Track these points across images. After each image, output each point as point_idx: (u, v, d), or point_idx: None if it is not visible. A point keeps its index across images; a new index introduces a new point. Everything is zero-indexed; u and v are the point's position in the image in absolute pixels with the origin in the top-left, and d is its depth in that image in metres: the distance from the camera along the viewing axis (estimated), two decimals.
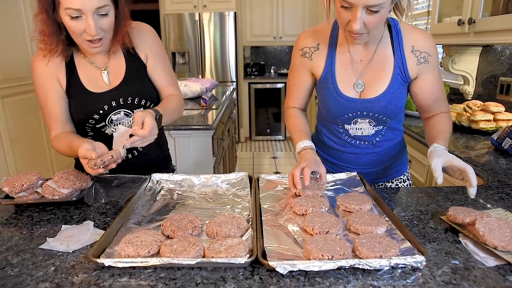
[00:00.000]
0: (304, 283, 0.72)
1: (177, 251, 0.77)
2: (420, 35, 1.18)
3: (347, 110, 1.23)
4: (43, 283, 0.72)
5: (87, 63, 1.27)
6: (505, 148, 1.57)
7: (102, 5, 1.09)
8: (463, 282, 0.72)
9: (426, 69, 1.19)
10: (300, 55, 1.26)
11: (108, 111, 1.26)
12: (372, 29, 1.05)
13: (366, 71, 1.20)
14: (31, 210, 1.05)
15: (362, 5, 0.97)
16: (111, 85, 1.27)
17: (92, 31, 1.10)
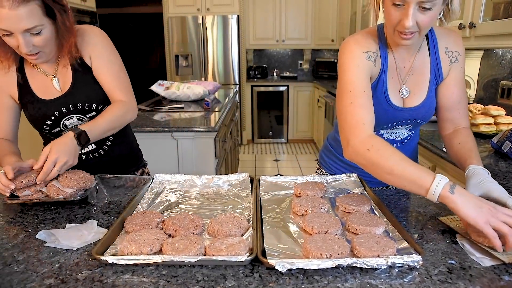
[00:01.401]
0: (302, 281, 0.73)
1: (179, 249, 0.79)
2: (452, 35, 1.19)
3: (394, 119, 1.22)
4: (48, 279, 0.74)
5: (36, 71, 1.29)
6: (505, 151, 1.58)
7: (31, 26, 1.08)
8: (458, 281, 0.73)
9: (455, 68, 1.19)
10: (366, 58, 1.12)
11: (59, 117, 1.30)
12: (424, 28, 1.02)
13: (407, 78, 1.20)
14: (36, 209, 1.07)
15: (415, 1, 0.96)
16: (61, 91, 1.29)
17: (22, 50, 1.11)
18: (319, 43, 5.79)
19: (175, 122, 2.46)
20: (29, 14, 1.06)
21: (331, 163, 1.45)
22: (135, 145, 1.61)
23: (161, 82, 3.27)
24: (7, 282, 0.73)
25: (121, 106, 1.32)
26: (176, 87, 3.21)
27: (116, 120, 1.30)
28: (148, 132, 2.27)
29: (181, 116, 2.66)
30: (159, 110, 2.85)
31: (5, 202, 1.06)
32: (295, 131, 5.96)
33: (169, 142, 2.32)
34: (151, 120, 2.48)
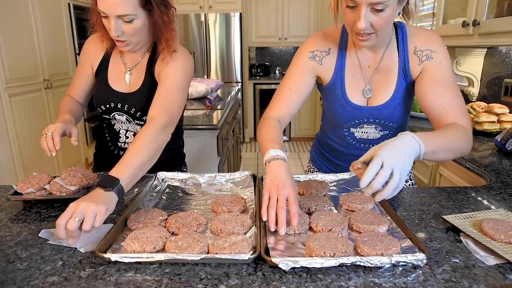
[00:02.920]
0: (306, 279, 0.73)
1: (182, 247, 0.79)
2: (424, 35, 1.15)
3: (354, 117, 1.22)
4: (51, 277, 0.74)
5: (119, 60, 1.37)
6: (508, 149, 1.57)
7: (124, 14, 1.13)
8: (463, 280, 0.73)
9: (429, 65, 1.12)
10: (309, 57, 1.21)
11: (113, 109, 1.35)
12: (379, 29, 1.02)
13: (373, 77, 1.19)
14: (39, 207, 1.07)
15: (366, 2, 0.95)
16: (129, 88, 1.34)
17: (112, 33, 1.17)
18: None
19: None
20: (125, 2, 1.12)
21: (318, 159, 1.47)
22: (182, 150, 1.62)
23: None
24: (11, 280, 0.73)
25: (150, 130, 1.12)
26: None
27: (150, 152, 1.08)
28: None
29: (184, 114, 2.66)
30: None
31: (8, 199, 1.07)
32: (297, 129, 5.95)
33: None
34: None
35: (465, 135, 1.02)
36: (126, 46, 1.24)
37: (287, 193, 0.88)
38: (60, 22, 3.74)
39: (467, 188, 1.21)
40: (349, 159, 1.33)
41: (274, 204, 0.88)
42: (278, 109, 1.21)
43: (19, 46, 3.09)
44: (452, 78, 1.12)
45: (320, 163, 1.46)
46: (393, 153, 0.82)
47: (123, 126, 1.40)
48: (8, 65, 2.95)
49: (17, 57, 3.07)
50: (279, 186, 0.90)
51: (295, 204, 0.87)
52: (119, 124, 1.40)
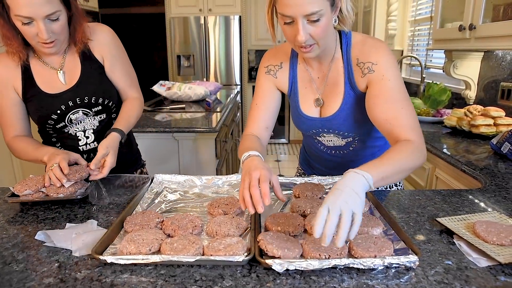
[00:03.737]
0: (299, 281, 0.74)
1: (177, 249, 0.80)
2: (366, 46, 1.12)
3: (310, 128, 1.26)
4: (47, 279, 0.74)
5: (42, 65, 1.29)
6: (504, 152, 1.58)
7: (51, 12, 1.11)
8: (455, 281, 0.74)
9: (373, 79, 1.09)
10: (265, 72, 1.26)
11: (66, 111, 1.30)
12: (319, 39, 1.03)
13: (323, 88, 1.21)
14: (36, 209, 1.08)
15: (301, 15, 0.97)
16: (68, 85, 1.30)
17: (43, 36, 1.13)
18: None
19: (176, 123, 2.46)
20: (49, 0, 1.10)
21: (304, 161, 1.52)
22: (135, 145, 1.62)
23: (162, 83, 3.28)
24: (7, 281, 0.74)
25: (138, 103, 1.43)
26: (178, 87, 3.22)
27: (138, 117, 1.42)
28: (149, 132, 2.28)
29: (182, 117, 2.67)
30: (161, 110, 2.86)
31: (6, 201, 1.07)
32: (296, 132, 5.96)
33: (170, 143, 2.33)
34: (152, 121, 2.49)
35: (414, 151, 1.00)
36: (54, 47, 1.20)
37: (258, 174, 0.90)
38: None
39: (462, 191, 1.22)
40: (327, 165, 1.37)
41: (246, 186, 0.89)
42: (252, 126, 1.24)
43: None
44: (398, 89, 1.08)
45: (306, 167, 1.50)
46: (337, 196, 0.79)
47: (79, 126, 1.35)
48: None
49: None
50: (250, 171, 0.92)
51: (265, 182, 0.88)
52: (75, 127, 1.34)
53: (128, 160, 1.54)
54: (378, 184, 0.89)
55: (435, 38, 2.44)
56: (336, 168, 1.35)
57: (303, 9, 0.96)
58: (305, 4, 0.95)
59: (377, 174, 0.88)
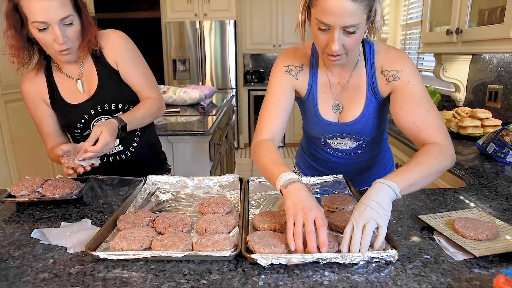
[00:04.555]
0: (283, 274, 0.77)
1: (167, 245, 0.83)
2: (390, 55, 1.17)
3: (327, 132, 1.27)
4: (42, 274, 0.78)
5: (63, 77, 1.35)
6: (489, 152, 1.62)
7: (65, 16, 1.15)
8: (431, 274, 0.78)
9: (398, 85, 1.13)
10: (285, 72, 1.22)
11: (89, 120, 1.35)
12: (351, 50, 1.05)
13: (343, 94, 1.22)
14: (32, 209, 1.11)
15: (340, 25, 0.97)
16: (87, 94, 1.35)
17: (59, 40, 1.17)
18: None
19: (170, 126, 2.50)
20: (62, 4, 1.14)
21: (303, 164, 1.53)
22: (160, 148, 1.65)
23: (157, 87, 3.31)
24: (3, 276, 0.77)
25: (154, 101, 1.41)
26: (173, 91, 3.25)
27: (150, 115, 1.40)
28: None
29: (177, 120, 2.70)
30: None
31: (2, 201, 1.10)
32: (291, 135, 6.00)
33: (164, 146, 2.34)
34: None
35: (441, 152, 1.01)
36: (69, 54, 1.24)
37: (314, 216, 0.82)
38: None
39: (446, 190, 1.26)
40: (330, 166, 1.39)
41: (300, 231, 0.82)
42: (269, 128, 1.18)
43: None
44: (423, 93, 1.12)
45: (304, 168, 1.52)
46: (361, 211, 0.83)
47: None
48: (4, 72, 2.99)
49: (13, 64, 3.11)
50: (304, 209, 0.83)
51: (324, 227, 0.81)
52: None
53: (153, 162, 1.56)
54: (406, 191, 0.92)
55: (424, 42, 2.49)
56: (338, 169, 1.36)
57: (344, 20, 0.96)
58: (346, 16, 0.95)
59: (404, 181, 0.90)
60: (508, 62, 2.12)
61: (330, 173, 1.33)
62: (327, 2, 0.95)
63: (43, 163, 3.45)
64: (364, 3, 0.95)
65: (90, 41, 1.28)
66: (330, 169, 1.39)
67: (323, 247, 0.80)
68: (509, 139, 1.57)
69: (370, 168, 1.39)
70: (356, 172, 1.38)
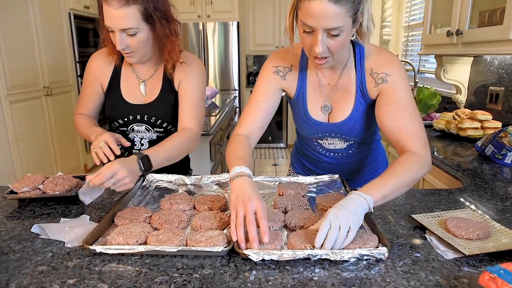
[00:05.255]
0: (274, 270, 0.79)
1: (162, 241, 0.85)
2: (381, 57, 1.17)
3: (316, 132, 1.28)
4: (41, 266, 0.80)
5: (131, 73, 1.43)
6: (488, 154, 1.63)
7: (127, 28, 1.21)
8: (420, 272, 0.79)
9: (386, 89, 1.14)
10: (273, 72, 1.24)
11: (131, 121, 1.42)
12: (335, 53, 1.05)
13: (332, 95, 1.23)
14: (33, 205, 1.13)
15: (322, 28, 0.98)
16: (145, 99, 1.41)
17: (118, 46, 1.25)
18: None
19: None
20: (128, 17, 1.20)
21: (297, 164, 1.54)
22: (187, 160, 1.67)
23: None
24: (3, 269, 0.79)
25: (185, 135, 1.35)
26: None
27: (179, 150, 1.32)
28: None
29: None
30: None
31: (4, 197, 1.13)
32: (294, 136, 5.99)
33: None
34: None
35: (418, 162, 1.03)
36: (131, 57, 1.31)
37: (254, 207, 0.86)
38: (60, 31, 3.84)
39: (441, 190, 1.27)
40: (322, 166, 1.40)
41: (241, 222, 0.85)
42: (247, 124, 1.22)
43: (20, 54, 3.18)
44: (408, 99, 1.12)
45: (299, 168, 1.54)
46: (339, 210, 0.86)
47: (138, 135, 1.45)
48: (9, 73, 3.04)
49: (18, 65, 3.16)
50: (245, 201, 0.87)
51: (264, 218, 0.85)
52: (134, 133, 1.45)
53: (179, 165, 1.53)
54: (379, 202, 0.96)
55: (425, 43, 2.50)
56: (330, 169, 1.39)
57: (325, 23, 0.97)
58: (328, 19, 0.96)
59: (378, 194, 0.94)
60: (509, 64, 2.13)
61: (322, 173, 1.34)
62: (310, 5, 0.96)
63: (46, 162, 3.49)
64: (348, 6, 0.96)
65: (169, 54, 1.34)
66: (322, 169, 1.41)
67: (264, 237, 0.83)
68: (508, 141, 1.57)
69: (361, 169, 1.41)
70: (348, 173, 1.39)
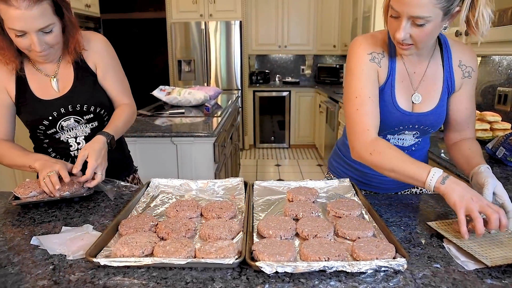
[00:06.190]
0: (288, 283, 0.75)
1: (169, 252, 0.81)
2: (467, 50, 1.21)
3: (400, 123, 1.22)
4: (42, 281, 0.76)
5: (36, 72, 1.31)
6: (499, 157, 1.59)
7: (45, 26, 1.13)
8: (442, 284, 0.75)
9: (467, 83, 1.20)
10: (369, 60, 1.15)
11: (57, 117, 1.31)
12: (419, 42, 1.04)
13: (420, 84, 1.21)
14: (34, 212, 1.09)
15: (407, 14, 0.98)
16: (60, 92, 1.32)
17: (37, 48, 1.15)
18: (321, 48, 5.82)
19: (175, 127, 2.49)
20: (43, 14, 1.11)
21: (340, 167, 1.45)
22: (127, 151, 1.64)
23: (162, 88, 3.30)
24: (1, 284, 0.75)
25: (129, 109, 1.45)
26: (178, 92, 3.24)
27: (129, 122, 1.44)
28: (148, 137, 2.30)
29: (182, 121, 2.69)
30: (160, 115, 2.88)
31: (10, 203, 1.09)
32: (297, 136, 5.97)
33: (168, 147, 2.35)
34: (151, 125, 2.51)
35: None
36: (48, 57, 1.23)
37: (485, 203, 0.89)
38: None
39: None
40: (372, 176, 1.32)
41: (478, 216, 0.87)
42: (374, 125, 1.12)
43: None
44: (474, 94, 1.24)
45: (343, 172, 1.43)
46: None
47: (71, 133, 1.36)
48: None
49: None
50: (474, 199, 0.90)
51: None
52: (66, 134, 1.35)
53: (121, 165, 1.55)
54: None
55: None
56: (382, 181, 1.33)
57: (410, 10, 0.97)
58: (414, 6, 0.96)
59: None
60: None
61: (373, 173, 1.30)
62: None
63: None
64: None
65: (76, 44, 1.27)
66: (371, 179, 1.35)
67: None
68: None
69: None
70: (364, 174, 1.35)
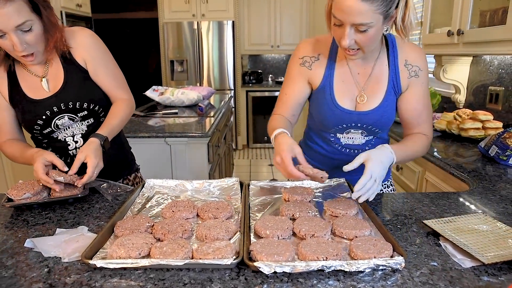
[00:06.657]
0: (287, 283, 0.75)
1: (166, 253, 0.80)
2: (414, 50, 1.23)
3: (342, 121, 1.26)
4: (37, 284, 0.75)
5: (27, 73, 1.30)
6: (491, 155, 1.60)
7: (22, 22, 1.10)
8: (439, 282, 0.75)
9: (415, 83, 1.22)
10: (299, 64, 1.27)
11: (51, 116, 1.30)
12: (365, 46, 1.08)
13: (363, 84, 1.24)
14: (27, 215, 1.08)
15: (349, 22, 1.01)
16: (51, 91, 1.30)
17: (18, 48, 1.13)
18: None
19: (168, 128, 2.47)
20: (17, 10, 1.08)
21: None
22: (128, 148, 1.62)
23: (155, 88, 3.28)
24: None
25: (125, 104, 1.40)
26: (171, 92, 3.22)
27: (125, 119, 1.40)
28: (141, 137, 2.28)
29: (175, 122, 2.68)
30: (153, 115, 2.86)
31: (3, 205, 1.08)
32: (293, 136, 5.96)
33: (162, 148, 2.33)
34: (144, 126, 2.50)
35: (426, 143, 1.25)
36: (35, 59, 1.22)
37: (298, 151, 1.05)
38: None
39: (449, 193, 1.24)
40: (333, 164, 1.36)
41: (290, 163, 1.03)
42: (281, 110, 1.30)
43: None
44: (428, 93, 1.26)
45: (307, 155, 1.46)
46: (378, 167, 1.03)
47: (68, 131, 1.35)
48: None
49: None
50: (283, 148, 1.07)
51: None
52: (63, 133, 1.35)
53: (121, 162, 1.54)
54: (395, 164, 1.12)
55: (424, 43, 2.48)
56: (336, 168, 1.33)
57: (352, 18, 1.00)
58: (355, 14, 0.99)
59: (401, 157, 1.13)
60: (509, 64, 2.11)
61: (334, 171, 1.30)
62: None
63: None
64: (377, 3, 0.98)
65: (57, 42, 1.23)
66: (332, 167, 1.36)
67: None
68: None
69: None
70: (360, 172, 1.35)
